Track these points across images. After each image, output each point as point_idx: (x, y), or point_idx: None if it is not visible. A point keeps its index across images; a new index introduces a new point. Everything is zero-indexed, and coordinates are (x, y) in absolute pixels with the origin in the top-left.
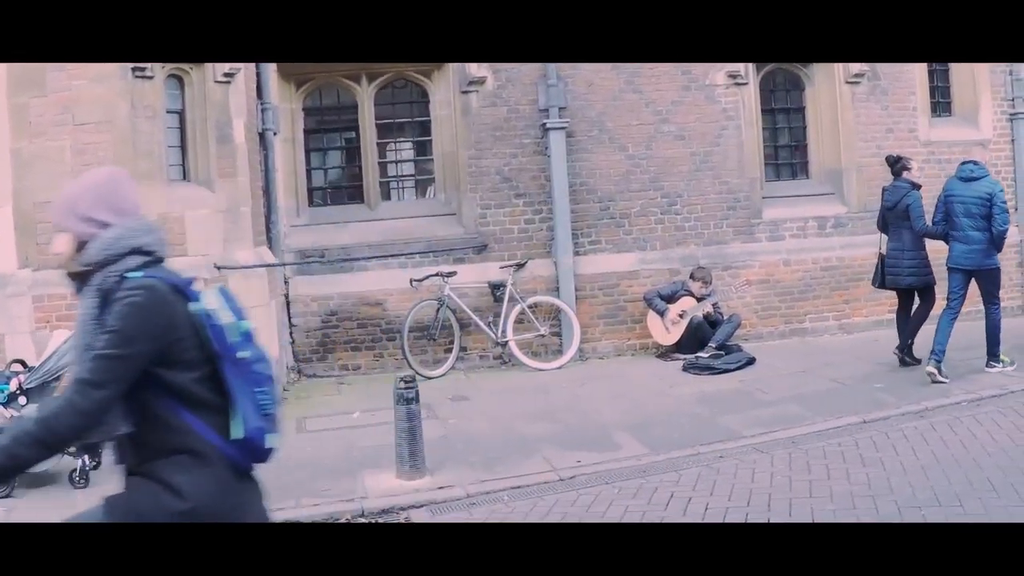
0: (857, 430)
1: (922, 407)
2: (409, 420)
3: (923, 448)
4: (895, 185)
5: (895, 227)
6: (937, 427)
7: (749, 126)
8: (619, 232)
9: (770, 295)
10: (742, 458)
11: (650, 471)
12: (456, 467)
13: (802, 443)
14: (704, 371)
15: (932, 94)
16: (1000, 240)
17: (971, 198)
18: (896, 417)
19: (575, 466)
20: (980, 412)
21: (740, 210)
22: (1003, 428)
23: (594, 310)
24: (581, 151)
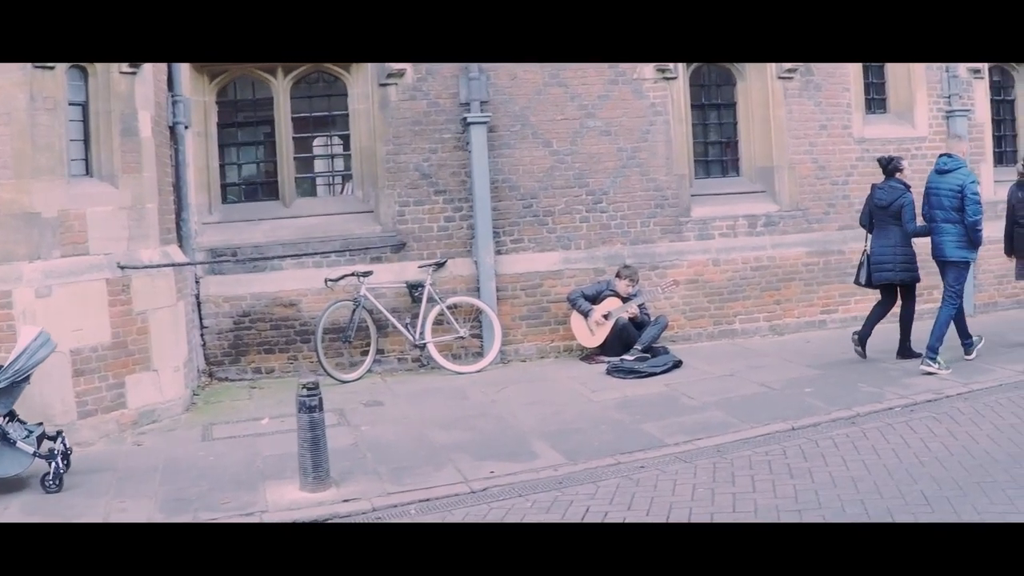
0: (785, 438)
1: (853, 413)
2: (312, 429)
3: (854, 458)
4: (889, 185)
5: (883, 225)
6: (869, 434)
7: (678, 122)
8: (542, 230)
9: (699, 295)
10: (664, 468)
11: (567, 482)
12: (363, 478)
13: (727, 452)
14: (628, 375)
15: (867, 90)
16: (974, 232)
17: (944, 190)
18: (826, 424)
19: (488, 477)
20: (914, 418)
21: (668, 208)
22: (937, 436)
23: (516, 311)
24: (503, 146)
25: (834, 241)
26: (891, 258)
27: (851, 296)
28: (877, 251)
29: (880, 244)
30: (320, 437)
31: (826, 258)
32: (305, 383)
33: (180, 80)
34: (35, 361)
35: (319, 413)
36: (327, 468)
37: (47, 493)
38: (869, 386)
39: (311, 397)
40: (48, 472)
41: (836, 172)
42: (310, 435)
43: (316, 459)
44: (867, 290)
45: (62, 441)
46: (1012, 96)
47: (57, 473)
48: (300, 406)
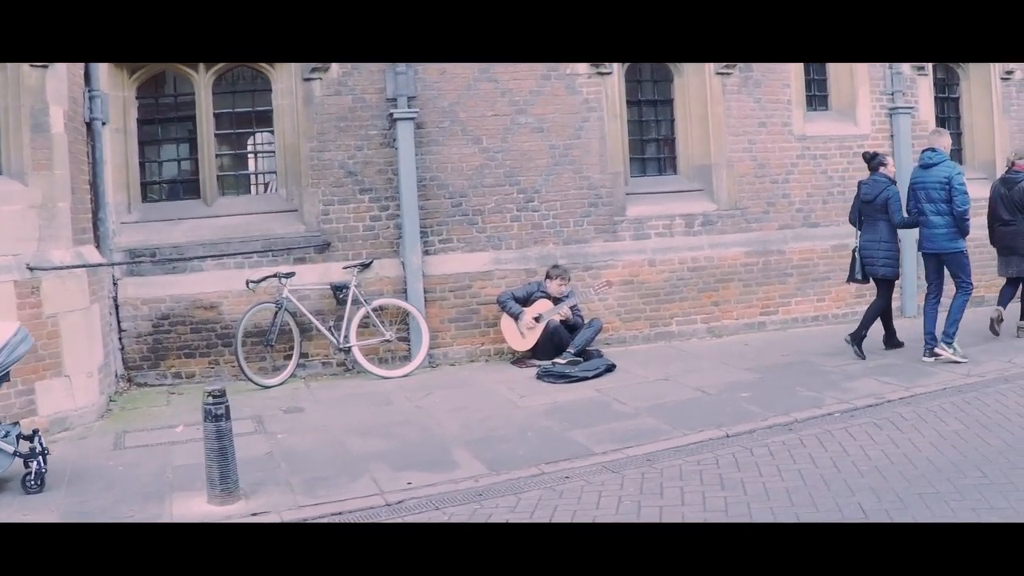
0: (719, 445)
1: (791, 419)
2: (219, 439)
3: (789, 467)
4: (873, 179)
5: (871, 220)
6: (806, 442)
7: (613, 118)
8: (472, 230)
9: (634, 297)
10: (589, 479)
11: (487, 494)
12: (275, 490)
13: (658, 461)
14: (559, 379)
15: (808, 87)
16: (962, 223)
17: (931, 183)
18: (762, 431)
19: (405, 489)
20: (854, 424)
21: (602, 207)
22: (877, 443)
23: (445, 313)
24: (432, 143)
25: (774, 241)
26: (876, 252)
27: (791, 297)
28: (865, 246)
29: (867, 239)
30: (228, 447)
31: (765, 258)
32: (211, 390)
33: (97, 75)
34: (14, 358)
35: (226, 422)
36: (235, 480)
37: (28, 494)
38: (808, 390)
39: (217, 405)
40: (29, 472)
41: (776, 170)
42: (217, 445)
43: (223, 470)
44: (808, 293)
45: (39, 441)
46: (957, 94)
47: (39, 473)
48: (206, 415)
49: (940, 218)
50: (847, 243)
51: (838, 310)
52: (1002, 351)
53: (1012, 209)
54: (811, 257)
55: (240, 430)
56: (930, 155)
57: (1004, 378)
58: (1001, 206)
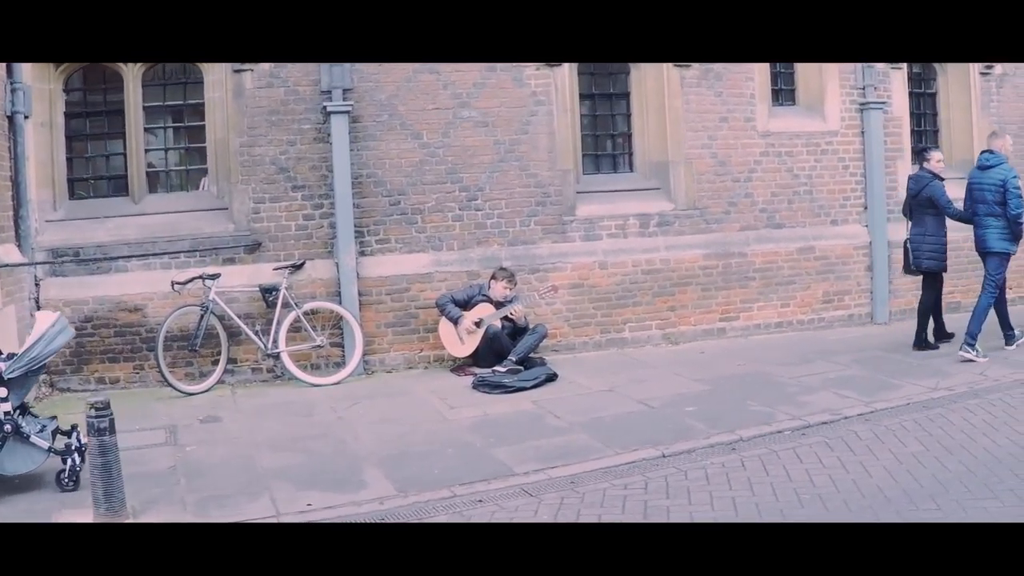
0: (652, 467)
1: (736, 437)
2: (103, 455)
3: (723, 494)
4: (918, 175)
5: (918, 214)
6: (748, 464)
7: (563, 112)
8: (411, 230)
9: (584, 301)
10: (503, 503)
11: (390, 518)
12: (166, 509)
13: (582, 483)
14: (495, 389)
15: (774, 80)
16: (1015, 225)
17: (987, 184)
18: (702, 450)
19: (303, 511)
20: (803, 444)
21: (551, 206)
22: (826, 467)
23: (381, 317)
24: (368, 138)
25: (735, 243)
26: (921, 245)
27: (753, 303)
28: (914, 239)
29: (915, 232)
30: (112, 463)
31: (726, 261)
32: (93, 402)
33: (20, 67)
34: (52, 349)
35: (110, 436)
36: (122, 498)
37: (63, 492)
38: (760, 404)
39: (100, 418)
40: (63, 469)
41: (738, 168)
42: (101, 461)
43: (108, 488)
44: (771, 298)
45: (77, 436)
46: (933, 89)
47: (74, 470)
48: (89, 428)
49: (993, 219)
50: (813, 245)
51: (803, 316)
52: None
53: None
54: (775, 260)
55: (150, 441)
56: (987, 157)
57: (974, 392)
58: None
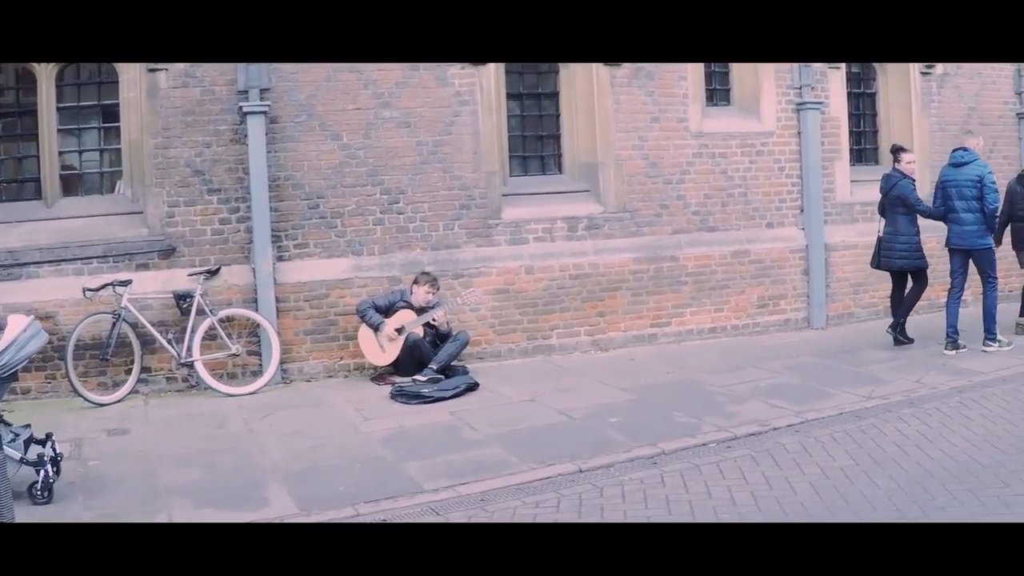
0: (567, 483)
1: (658, 450)
2: None
3: (638, 514)
4: (889, 174)
5: (891, 212)
6: (668, 480)
7: (488, 112)
8: (330, 234)
9: (510, 307)
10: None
11: None
12: None
13: (492, 501)
14: (413, 399)
15: (708, 80)
16: (992, 220)
17: (963, 181)
18: (622, 464)
19: None
20: (728, 458)
21: (475, 209)
22: (749, 483)
23: (300, 324)
24: (287, 139)
25: (666, 246)
26: (895, 245)
27: (685, 307)
28: (886, 237)
29: (887, 231)
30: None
31: (657, 265)
32: None
33: None
34: (25, 355)
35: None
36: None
37: (35, 505)
38: (686, 415)
39: None
40: (36, 481)
41: (670, 170)
42: None
43: None
44: (704, 303)
45: (52, 446)
46: (873, 89)
47: (47, 483)
48: None
49: (971, 215)
50: (748, 249)
51: (738, 321)
52: (911, 368)
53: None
54: (708, 264)
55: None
56: (962, 154)
57: (909, 401)
58: (1019, 203)
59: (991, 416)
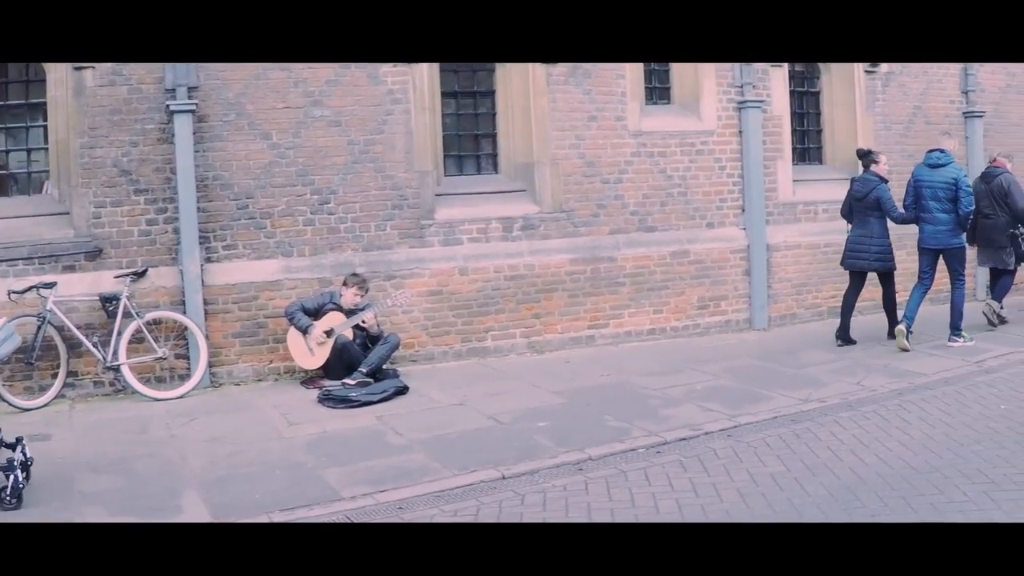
0: (489, 490)
1: (584, 456)
2: None
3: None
4: (865, 177)
5: (862, 215)
6: (592, 487)
7: (422, 111)
8: (260, 235)
9: (443, 309)
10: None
11: None
12: None
13: (410, 509)
14: (340, 403)
15: (648, 78)
16: (965, 221)
17: (938, 182)
18: (547, 471)
19: None
20: (656, 464)
21: (408, 209)
22: (675, 490)
23: (229, 327)
24: (215, 139)
25: (604, 247)
26: (867, 248)
27: (624, 309)
28: (854, 240)
29: (858, 234)
30: None
31: (594, 266)
32: None
33: None
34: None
35: None
36: None
37: (3, 511)
38: (617, 419)
39: None
40: (5, 487)
41: (607, 169)
42: None
43: None
44: (643, 304)
45: (22, 450)
46: (816, 88)
47: (16, 488)
48: None
49: (945, 216)
50: (688, 249)
51: (677, 322)
52: (852, 369)
53: (992, 203)
54: (647, 265)
55: None
56: (938, 156)
57: (847, 404)
58: (983, 201)
59: (930, 419)
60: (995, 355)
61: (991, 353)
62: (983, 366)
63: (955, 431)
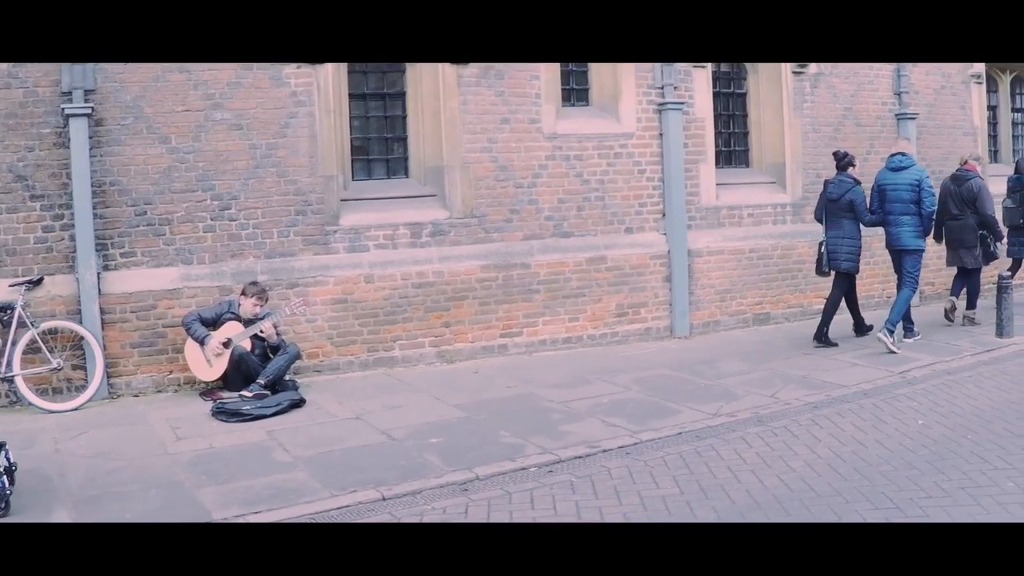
0: (367, 512)
1: (472, 476)
2: None
3: None
4: (840, 179)
5: (836, 217)
6: (473, 509)
7: (326, 113)
8: (158, 242)
9: (348, 317)
10: None
11: None
12: None
13: None
14: (232, 417)
15: (565, 79)
16: (928, 223)
17: (902, 185)
18: (430, 492)
19: None
20: (544, 485)
21: (312, 215)
22: (559, 514)
23: (127, 337)
24: (113, 143)
25: (517, 253)
26: (840, 248)
27: (538, 317)
28: (830, 242)
29: (832, 235)
30: None
31: (507, 272)
32: None
33: None
34: None
35: None
36: None
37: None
38: (513, 435)
39: None
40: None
41: (521, 173)
42: None
43: None
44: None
45: (6, 455)
46: (743, 89)
47: (3, 494)
48: None
49: (908, 217)
50: (605, 255)
51: (594, 331)
52: (769, 381)
53: (960, 205)
54: (562, 271)
55: None
56: (900, 159)
57: (758, 418)
58: (951, 202)
59: (841, 436)
60: (921, 365)
61: (917, 363)
62: (907, 377)
63: (866, 449)
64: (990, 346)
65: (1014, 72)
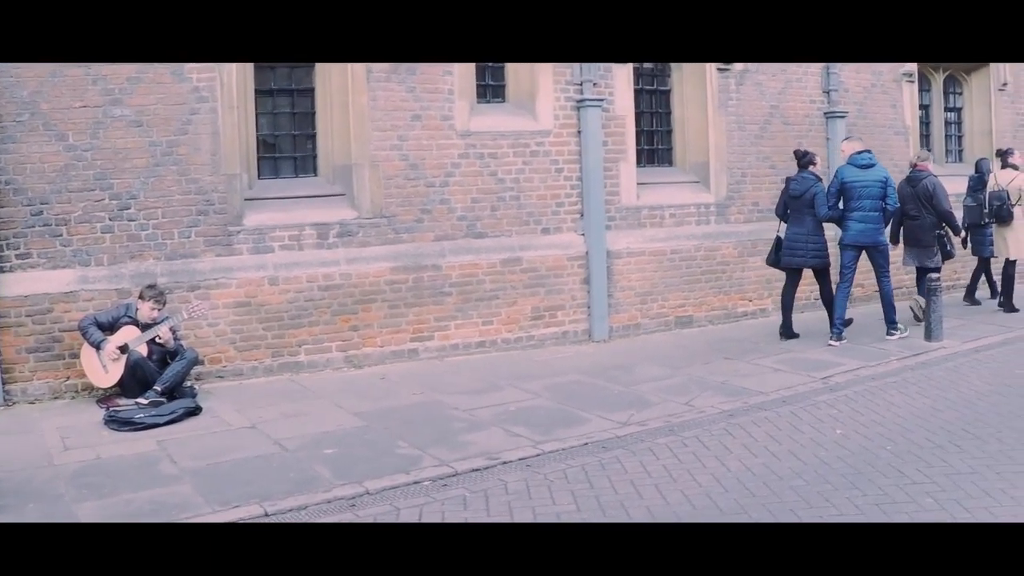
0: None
1: (361, 490)
2: None
3: None
4: (802, 176)
5: (798, 214)
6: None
7: (230, 110)
8: (55, 243)
9: (252, 321)
10: None
11: None
12: None
13: None
14: (125, 426)
15: (481, 75)
16: (891, 217)
17: (871, 182)
18: (316, 507)
19: None
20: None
21: (214, 215)
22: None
23: (22, 342)
24: (7, 140)
25: (428, 254)
26: (803, 245)
27: (450, 320)
28: (790, 238)
29: (794, 232)
30: None
31: (417, 274)
32: None
33: None
34: None
35: None
36: None
37: None
38: (411, 446)
39: None
40: None
41: (433, 172)
42: None
43: None
44: (471, 315)
45: None
46: (667, 86)
47: None
48: None
49: (875, 214)
50: (520, 256)
51: (509, 334)
52: (686, 387)
53: (917, 205)
54: (475, 273)
55: None
56: (868, 156)
57: (669, 427)
58: (908, 203)
59: (754, 447)
60: (844, 370)
61: (841, 368)
62: (829, 383)
63: (778, 462)
64: (918, 350)
65: (947, 71)
